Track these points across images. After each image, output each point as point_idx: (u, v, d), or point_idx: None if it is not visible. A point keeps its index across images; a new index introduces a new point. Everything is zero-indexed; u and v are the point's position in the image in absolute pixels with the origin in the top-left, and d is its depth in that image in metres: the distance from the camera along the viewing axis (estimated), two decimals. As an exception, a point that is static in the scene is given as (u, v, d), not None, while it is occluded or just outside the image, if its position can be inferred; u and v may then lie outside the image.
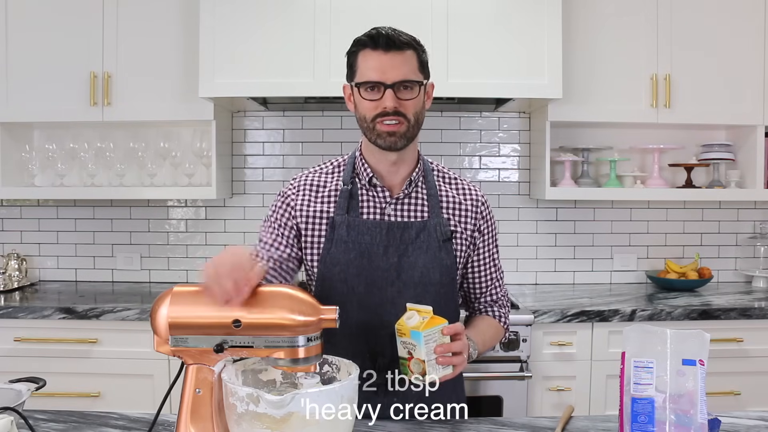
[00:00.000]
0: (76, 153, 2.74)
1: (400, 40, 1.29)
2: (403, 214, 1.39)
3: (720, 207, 2.98)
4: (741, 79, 2.64)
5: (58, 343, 2.30)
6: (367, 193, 1.40)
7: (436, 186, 1.43)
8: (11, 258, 2.76)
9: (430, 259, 1.36)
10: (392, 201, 1.39)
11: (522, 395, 2.25)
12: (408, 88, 1.30)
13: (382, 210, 1.39)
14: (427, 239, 1.37)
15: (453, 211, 1.42)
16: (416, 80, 1.31)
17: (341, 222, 1.36)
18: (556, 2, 2.43)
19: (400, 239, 1.36)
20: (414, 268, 1.36)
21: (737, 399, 2.37)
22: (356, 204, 1.39)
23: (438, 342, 1.17)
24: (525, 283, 2.93)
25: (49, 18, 2.58)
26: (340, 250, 1.36)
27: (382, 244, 1.35)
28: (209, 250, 2.90)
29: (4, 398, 1.11)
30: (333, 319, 1.00)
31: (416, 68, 1.32)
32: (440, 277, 1.37)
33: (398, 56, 1.28)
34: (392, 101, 1.28)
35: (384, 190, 1.39)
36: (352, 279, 1.35)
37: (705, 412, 1.05)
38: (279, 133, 2.91)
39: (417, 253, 1.36)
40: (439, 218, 1.39)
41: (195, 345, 0.99)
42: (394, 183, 1.40)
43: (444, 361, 1.18)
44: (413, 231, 1.37)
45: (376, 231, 1.36)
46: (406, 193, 1.40)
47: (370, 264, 1.35)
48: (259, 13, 2.41)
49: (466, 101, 2.68)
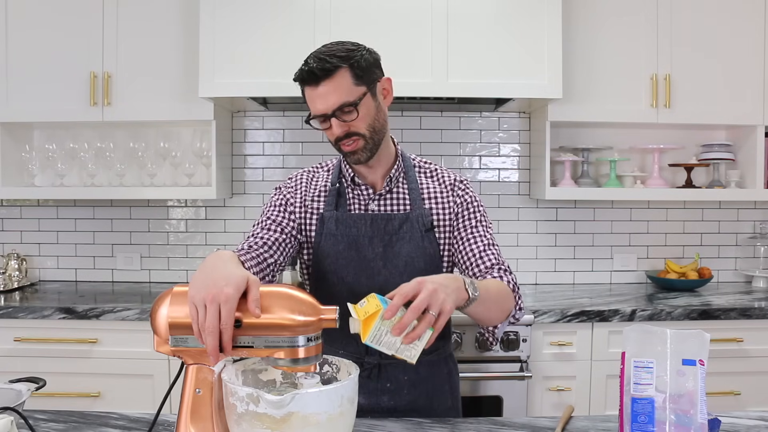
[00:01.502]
0: (76, 153, 2.74)
1: (323, 69, 1.28)
2: (387, 208, 1.46)
3: (720, 207, 2.98)
4: (741, 79, 2.64)
5: (58, 343, 2.30)
6: (353, 191, 1.47)
7: (418, 180, 1.49)
8: (11, 258, 2.76)
9: (413, 248, 1.42)
10: (375, 197, 1.46)
11: (522, 395, 2.25)
12: (346, 111, 1.30)
13: (366, 205, 1.46)
14: (410, 230, 1.43)
15: (434, 202, 1.47)
16: (351, 102, 1.29)
17: (330, 217, 1.44)
18: (556, 2, 2.43)
19: (384, 230, 1.43)
20: (398, 257, 1.42)
21: (737, 399, 2.37)
22: (344, 201, 1.47)
23: (391, 326, 1.01)
24: (525, 283, 2.93)
25: (49, 18, 2.58)
26: (329, 243, 1.43)
27: (367, 235, 1.43)
28: (209, 250, 2.90)
29: (4, 398, 1.11)
30: (333, 319, 1.00)
31: (350, 85, 1.29)
32: (425, 265, 1.42)
33: (329, 84, 1.29)
34: (339, 128, 1.32)
35: (367, 188, 1.46)
36: (341, 269, 1.42)
37: (705, 412, 1.05)
38: (279, 133, 2.92)
39: (401, 243, 1.42)
40: (421, 210, 1.45)
41: (195, 345, 0.98)
42: (375, 181, 1.47)
43: (411, 338, 1.01)
44: (396, 222, 1.43)
45: (362, 223, 1.43)
46: (387, 189, 1.46)
47: (358, 254, 1.42)
48: (259, 13, 2.42)
49: (466, 101, 2.68)
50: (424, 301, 1.01)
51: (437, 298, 1.02)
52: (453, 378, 1.53)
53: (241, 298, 0.97)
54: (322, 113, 1.31)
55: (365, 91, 1.32)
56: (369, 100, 1.33)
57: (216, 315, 0.94)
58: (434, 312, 1.02)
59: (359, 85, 1.31)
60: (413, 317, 1.00)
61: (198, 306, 0.95)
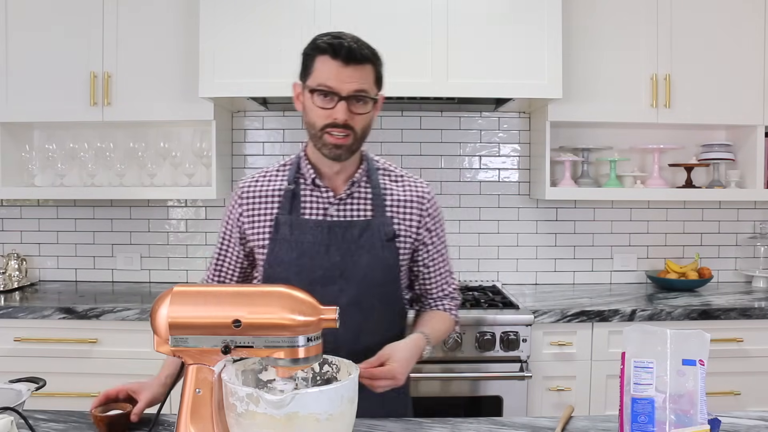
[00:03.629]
0: (76, 153, 2.74)
1: (361, 54, 1.28)
2: (346, 213, 1.40)
3: (720, 207, 2.98)
4: (741, 79, 2.64)
5: (58, 343, 2.30)
6: (311, 194, 1.41)
7: (381, 185, 1.43)
8: (11, 258, 2.76)
9: (373, 258, 1.37)
10: (335, 201, 1.40)
11: (522, 395, 2.25)
12: (361, 101, 1.29)
13: (324, 210, 1.40)
14: (371, 238, 1.38)
15: (397, 210, 1.42)
16: (370, 96, 1.31)
17: (284, 222, 1.38)
18: (556, 2, 2.43)
19: (342, 238, 1.37)
20: (357, 266, 1.36)
21: (737, 399, 2.37)
22: (299, 204, 1.40)
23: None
24: (525, 283, 2.93)
25: (49, 18, 2.58)
26: (283, 250, 1.37)
27: (323, 244, 1.36)
28: (209, 250, 2.90)
29: (4, 398, 1.11)
30: (333, 319, 1.00)
31: (372, 82, 1.32)
32: (383, 276, 1.39)
33: (357, 69, 1.28)
34: (344, 114, 1.28)
35: (327, 191, 1.40)
36: (293, 278, 1.34)
37: (705, 412, 1.05)
38: (279, 133, 2.91)
39: (360, 252, 1.37)
40: (383, 217, 1.40)
41: (195, 345, 0.98)
42: (337, 183, 1.41)
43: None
44: (356, 230, 1.37)
45: (318, 231, 1.37)
46: (348, 194, 1.41)
47: (311, 263, 1.36)
48: (260, 13, 2.42)
49: (466, 101, 2.68)
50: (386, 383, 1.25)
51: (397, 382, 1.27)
52: (402, 399, 1.49)
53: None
54: (338, 91, 1.27)
55: (376, 97, 1.34)
56: (373, 107, 1.35)
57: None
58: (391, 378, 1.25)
59: (376, 86, 1.34)
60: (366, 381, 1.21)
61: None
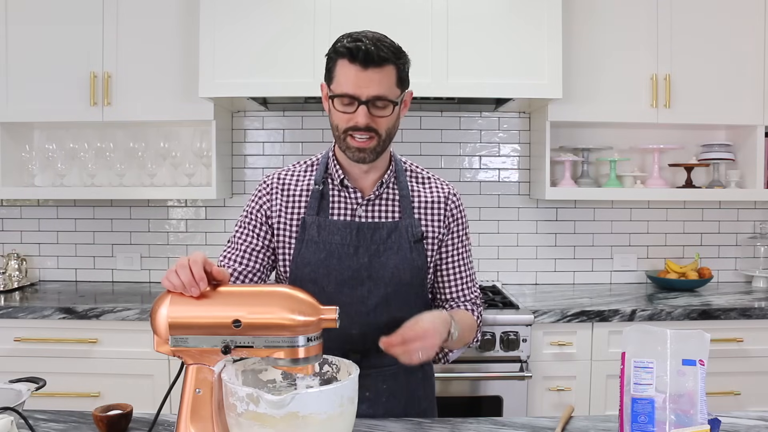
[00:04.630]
0: (76, 153, 2.74)
1: (379, 56, 1.23)
2: (374, 215, 1.39)
3: (720, 207, 2.98)
4: (741, 78, 2.64)
5: (58, 343, 2.30)
6: (339, 194, 1.40)
7: (409, 186, 1.43)
8: (11, 258, 2.76)
9: (401, 260, 1.36)
10: (363, 202, 1.39)
11: (522, 395, 2.25)
12: (382, 106, 1.27)
13: (353, 211, 1.39)
14: (399, 240, 1.37)
15: (425, 212, 1.42)
16: (391, 99, 1.27)
17: (312, 222, 1.37)
18: (556, 2, 2.43)
19: (371, 239, 1.36)
20: (385, 268, 1.36)
21: (737, 399, 2.37)
22: (327, 204, 1.39)
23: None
24: (525, 283, 2.93)
25: (49, 18, 2.58)
26: (310, 251, 1.36)
27: (352, 245, 1.35)
28: (209, 250, 2.89)
29: (4, 398, 1.11)
30: (333, 319, 1.00)
31: (393, 84, 1.27)
32: (411, 277, 1.38)
33: (376, 73, 1.24)
34: (364, 118, 1.25)
35: (356, 191, 1.39)
36: (322, 279, 1.34)
37: (705, 412, 1.05)
38: (279, 133, 2.92)
39: (388, 253, 1.36)
40: (411, 219, 1.39)
41: (195, 345, 0.98)
42: (365, 184, 1.40)
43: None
44: (384, 231, 1.37)
45: (346, 231, 1.36)
46: (377, 195, 1.40)
47: (340, 264, 1.35)
48: (260, 13, 2.42)
49: (466, 101, 2.68)
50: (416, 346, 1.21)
51: (427, 353, 1.23)
52: (428, 381, 1.49)
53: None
54: (357, 96, 1.24)
55: (400, 95, 1.31)
56: (397, 108, 1.31)
57: (188, 270, 1.00)
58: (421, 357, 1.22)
59: (398, 87, 1.29)
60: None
61: (172, 271, 1.01)
